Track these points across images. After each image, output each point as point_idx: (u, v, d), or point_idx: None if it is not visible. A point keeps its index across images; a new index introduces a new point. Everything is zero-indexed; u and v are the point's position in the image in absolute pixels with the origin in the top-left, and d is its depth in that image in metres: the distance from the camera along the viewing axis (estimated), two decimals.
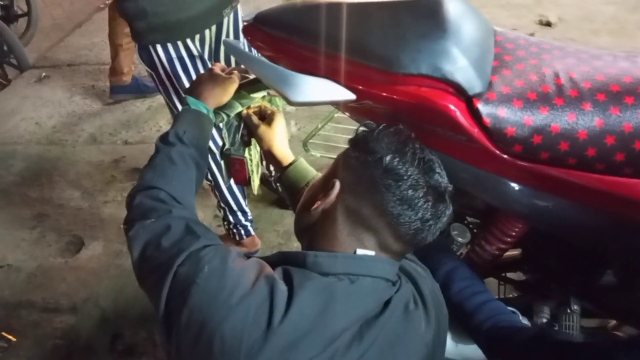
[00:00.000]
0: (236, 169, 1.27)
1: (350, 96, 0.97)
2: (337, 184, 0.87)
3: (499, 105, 0.93)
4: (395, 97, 0.96)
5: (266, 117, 1.25)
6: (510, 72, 0.97)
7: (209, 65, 1.42)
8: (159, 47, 1.65)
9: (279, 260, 0.87)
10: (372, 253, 0.85)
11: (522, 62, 0.99)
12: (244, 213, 2.02)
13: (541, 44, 1.04)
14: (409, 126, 0.98)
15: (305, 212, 0.91)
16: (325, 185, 0.91)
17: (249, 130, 1.24)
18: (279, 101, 1.34)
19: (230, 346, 0.72)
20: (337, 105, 1.06)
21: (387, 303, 0.84)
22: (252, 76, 1.22)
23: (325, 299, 0.78)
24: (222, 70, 1.19)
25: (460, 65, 0.93)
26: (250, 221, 2.07)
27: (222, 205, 1.99)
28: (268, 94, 1.30)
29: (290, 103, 1.00)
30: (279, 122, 1.22)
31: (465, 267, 1.08)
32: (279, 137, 1.20)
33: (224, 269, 0.78)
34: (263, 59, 1.05)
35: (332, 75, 0.99)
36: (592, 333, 1.22)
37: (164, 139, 1.04)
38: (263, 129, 1.20)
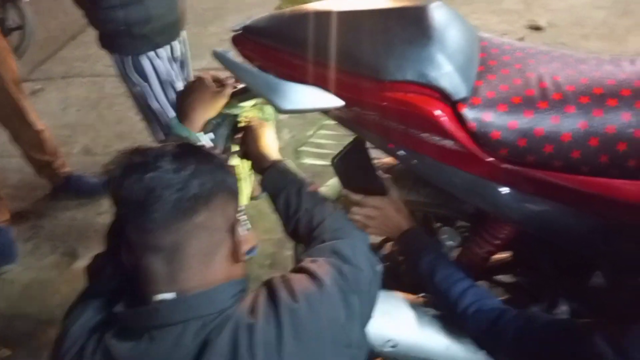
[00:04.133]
0: None
1: (339, 103, 0.99)
2: None
3: (484, 110, 0.94)
4: (382, 103, 0.98)
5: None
6: (495, 77, 0.99)
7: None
8: (152, 54, 1.67)
9: None
10: (170, 295, 0.75)
11: (506, 67, 1.01)
12: None
13: (526, 49, 1.06)
14: (398, 132, 1.00)
15: None
16: None
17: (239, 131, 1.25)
18: (270, 109, 1.35)
19: None
20: (327, 112, 1.08)
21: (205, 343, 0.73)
22: (242, 85, 1.23)
23: None
24: (214, 80, 1.19)
25: (445, 71, 0.95)
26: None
27: None
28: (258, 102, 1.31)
29: (279, 111, 1.01)
30: (268, 126, 1.23)
31: (446, 257, 1.10)
32: (266, 138, 1.20)
33: None
34: (252, 67, 1.06)
35: (320, 83, 1.00)
36: None
37: None
38: (252, 128, 1.21)
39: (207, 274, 0.77)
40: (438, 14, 0.99)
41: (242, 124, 1.26)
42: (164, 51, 1.76)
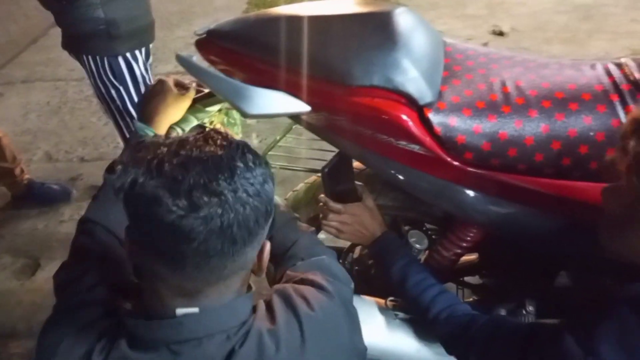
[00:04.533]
0: None
1: (305, 108, 0.98)
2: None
3: (449, 114, 0.95)
4: (349, 108, 0.98)
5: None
6: (459, 82, 1.00)
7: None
8: (129, 55, 1.64)
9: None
10: (194, 310, 0.70)
11: (471, 72, 1.02)
12: None
13: (489, 54, 1.08)
14: (365, 137, 1.00)
15: None
16: None
17: None
18: (236, 114, 1.34)
19: None
20: (295, 118, 1.07)
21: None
22: (206, 89, 1.21)
23: None
24: (176, 84, 1.17)
25: (411, 76, 0.95)
26: None
27: None
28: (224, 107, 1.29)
29: (245, 116, 1.00)
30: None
31: (418, 262, 1.10)
32: None
33: None
34: (217, 72, 1.05)
35: (287, 87, 0.99)
36: None
37: (110, 169, 1.00)
38: None
39: (229, 287, 0.73)
40: (403, 20, 1.00)
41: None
42: (140, 55, 1.73)
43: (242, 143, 0.70)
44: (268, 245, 0.75)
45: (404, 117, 0.95)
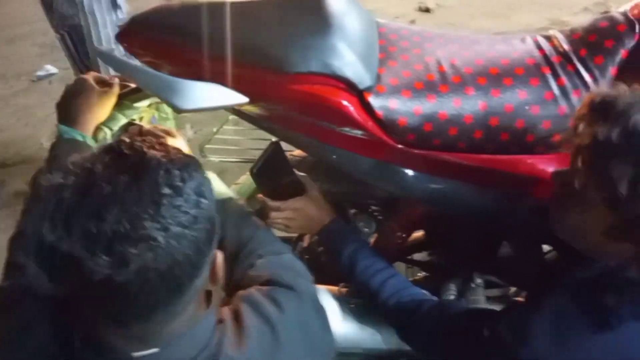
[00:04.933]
0: None
1: (242, 99, 0.94)
2: None
3: (389, 97, 0.94)
4: (288, 97, 0.95)
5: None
6: (396, 64, 0.99)
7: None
8: None
9: None
10: (153, 350, 0.63)
11: (406, 53, 1.01)
12: None
13: (423, 33, 1.07)
14: (306, 125, 0.97)
15: None
16: None
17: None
18: (167, 108, 1.27)
19: None
20: (231, 109, 1.03)
21: None
22: (133, 84, 1.15)
23: None
24: (98, 81, 1.08)
25: (348, 60, 0.93)
26: None
27: None
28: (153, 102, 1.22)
29: (178, 111, 0.95)
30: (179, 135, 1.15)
31: (367, 247, 1.09)
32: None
33: None
34: (144, 66, 0.98)
35: (220, 79, 0.95)
36: (497, 302, 1.28)
37: (41, 179, 0.93)
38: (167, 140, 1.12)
39: (188, 315, 0.65)
40: (336, 2, 0.97)
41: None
42: None
43: (163, 157, 0.58)
44: (220, 257, 0.67)
45: (345, 102, 0.93)
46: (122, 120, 1.15)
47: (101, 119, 1.06)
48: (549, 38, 1.02)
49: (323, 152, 1.02)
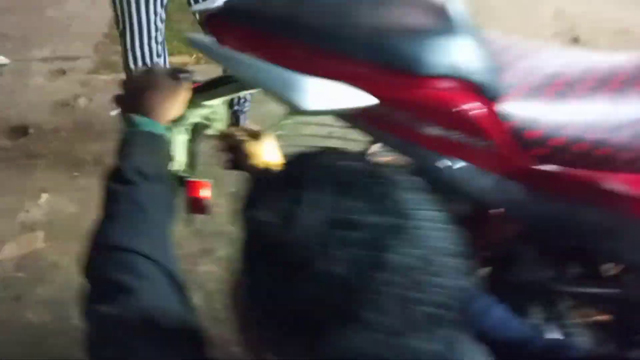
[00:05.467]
0: (196, 195, 1.04)
1: (373, 101, 0.85)
2: None
3: (520, 106, 0.89)
4: (413, 100, 0.87)
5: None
6: (518, 72, 0.94)
7: None
8: None
9: None
10: None
11: (524, 61, 0.97)
12: None
13: (532, 44, 1.04)
14: (428, 135, 0.89)
15: None
16: None
17: (230, 148, 1.03)
18: (223, 109, 1.14)
19: None
20: (341, 115, 0.93)
21: None
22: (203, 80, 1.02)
23: None
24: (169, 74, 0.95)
25: (478, 65, 0.87)
26: None
27: None
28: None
29: (300, 112, 0.83)
30: (268, 137, 1.03)
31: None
32: (265, 154, 1.00)
33: None
34: (254, 58, 0.86)
35: (343, 78, 0.85)
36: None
37: (118, 176, 0.77)
38: (251, 144, 1.00)
39: None
40: (457, 4, 0.91)
41: (211, 132, 1.04)
42: None
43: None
44: None
45: (477, 110, 0.86)
46: (190, 120, 1.02)
47: (175, 115, 0.93)
48: None
49: (436, 165, 0.94)
